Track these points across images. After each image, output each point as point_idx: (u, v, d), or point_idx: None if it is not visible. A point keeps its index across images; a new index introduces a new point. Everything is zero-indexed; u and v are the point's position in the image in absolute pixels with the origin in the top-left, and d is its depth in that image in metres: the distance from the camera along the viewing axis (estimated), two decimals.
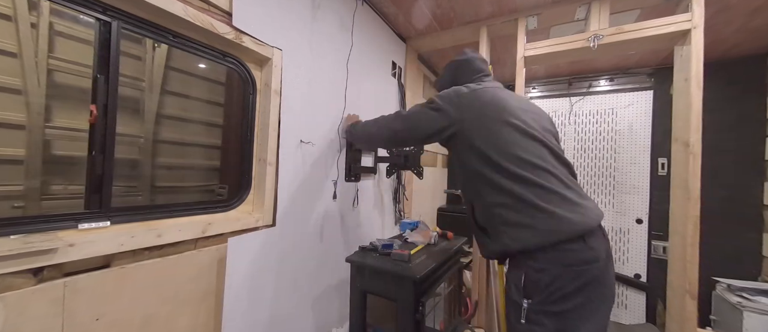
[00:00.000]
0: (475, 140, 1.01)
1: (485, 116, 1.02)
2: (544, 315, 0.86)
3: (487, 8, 1.95)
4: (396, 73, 2.29)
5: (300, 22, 1.44)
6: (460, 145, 1.05)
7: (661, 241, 2.53)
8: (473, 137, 1.01)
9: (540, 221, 0.88)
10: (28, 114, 1.10)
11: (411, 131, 1.17)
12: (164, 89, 1.46)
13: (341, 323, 1.74)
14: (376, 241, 1.53)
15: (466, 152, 1.04)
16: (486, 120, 1.01)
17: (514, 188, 0.92)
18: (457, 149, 1.08)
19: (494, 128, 1.00)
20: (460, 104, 1.05)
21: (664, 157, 2.53)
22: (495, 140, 0.98)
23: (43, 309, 0.74)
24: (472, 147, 1.02)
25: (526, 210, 0.90)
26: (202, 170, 1.61)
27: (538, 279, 0.87)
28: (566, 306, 0.85)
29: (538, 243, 0.88)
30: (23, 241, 0.72)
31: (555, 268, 0.86)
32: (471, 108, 1.04)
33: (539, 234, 0.88)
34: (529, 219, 0.90)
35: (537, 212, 0.89)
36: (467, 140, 1.03)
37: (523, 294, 0.90)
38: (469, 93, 1.06)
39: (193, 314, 1.06)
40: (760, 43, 2.13)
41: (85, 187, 0.90)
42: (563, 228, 0.86)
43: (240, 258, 1.17)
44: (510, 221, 0.93)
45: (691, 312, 1.54)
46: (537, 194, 0.90)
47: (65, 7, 0.83)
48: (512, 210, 0.92)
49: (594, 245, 0.88)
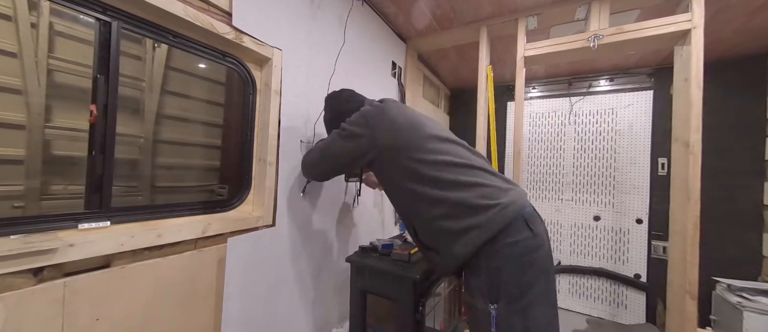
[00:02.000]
0: (398, 158, 0.97)
1: (399, 130, 0.99)
2: (514, 314, 0.83)
3: (487, 8, 1.95)
4: (396, 73, 2.29)
5: (300, 22, 1.44)
6: (386, 166, 1.02)
7: (661, 241, 2.53)
8: (395, 155, 0.98)
9: (482, 217, 0.87)
10: (28, 114, 1.10)
11: (331, 162, 1.13)
12: (164, 89, 1.46)
13: (341, 323, 1.74)
14: (376, 241, 1.53)
15: (392, 172, 1.01)
16: (402, 134, 0.99)
17: (448, 195, 0.90)
18: (383, 171, 1.05)
19: (412, 140, 0.97)
20: (374, 125, 1.01)
21: (664, 157, 2.53)
22: (416, 152, 0.96)
23: (43, 309, 0.74)
24: (396, 165, 0.98)
25: (467, 213, 0.88)
26: (202, 170, 1.60)
27: (499, 277, 0.85)
28: (528, 298, 0.83)
29: (487, 238, 0.85)
30: (23, 241, 0.72)
31: (512, 263, 0.84)
32: (383, 126, 1.00)
33: (486, 229, 0.86)
34: (472, 220, 0.87)
35: (478, 211, 0.88)
36: (391, 160, 1.00)
37: (488, 300, 0.85)
38: (374, 110, 1.03)
39: (193, 314, 1.06)
40: (760, 43, 2.13)
41: (85, 187, 0.90)
42: (507, 213, 0.86)
43: (240, 257, 1.17)
44: (454, 230, 0.89)
45: (691, 312, 1.54)
46: (472, 194, 0.90)
47: (65, 7, 0.83)
48: (453, 219, 0.90)
49: (539, 231, 0.89)
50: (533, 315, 0.83)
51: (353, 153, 1.05)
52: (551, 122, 3.03)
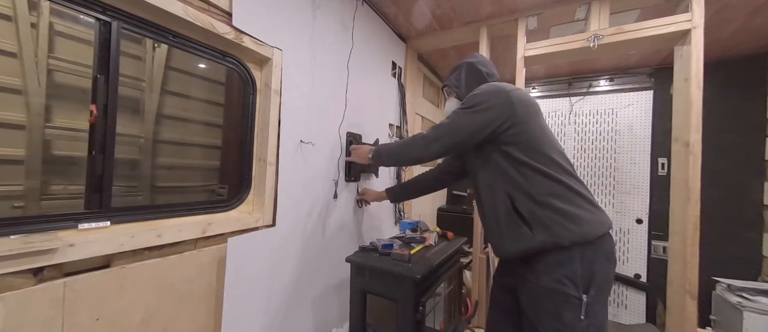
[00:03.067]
0: (526, 134, 1.00)
1: (532, 115, 1.03)
2: (598, 303, 0.90)
3: (487, 8, 1.95)
4: (396, 73, 2.29)
5: (300, 22, 1.44)
6: (508, 138, 1.01)
7: (661, 241, 2.53)
8: (524, 131, 1.00)
9: (590, 213, 0.94)
10: (28, 114, 1.10)
11: (453, 135, 1.08)
12: (164, 89, 1.46)
13: (341, 323, 1.74)
14: (376, 241, 1.54)
15: (512, 145, 1.01)
16: (534, 119, 1.02)
17: (564, 179, 0.95)
18: (498, 142, 1.03)
19: (539, 127, 1.02)
20: (510, 101, 1.01)
21: (664, 157, 2.53)
22: (542, 137, 1.01)
23: (43, 309, 0.74)
24: (520, 139, 1.00)
25: (579, 202, 0.94)
26: (202, 170, 1.60)
27: (592, 270, 0.90)
28: (605, 293, 0.93)
29: (590, 235, 0.91)
30: (23, 241, 0.72)
31: (600, 260, 0.91)
32: (519, 104, 1.02)
33: (593, 227, 0.92)
34: (582, 211, 0.92)
35: (588, 205, 0.95)
36: (518, 135, 1.00)
37: (581, 289, 0.89)
38: (512, 91, 1.04)
39: (193, 314, 1.06)
40: (760, 43, 2.13)
41: (85, 187, 0.90)
42: (606, 221, 0.96)
43: (240, 258, 1.17)
44: (563, 211, 0.92)
45: (691, 312, 1.54)
46: (583, 189, 0.98)
47: (65, 7, 0.83)
48: (565, 201, 0.93)
49: (612, 238, 1.00)
50: (605, 307, 0.95)
51: (490, 123, 1.01)
52: (551, 122, 3.03)
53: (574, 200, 0.94)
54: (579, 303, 0.88)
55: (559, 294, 0.90)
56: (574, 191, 0.95)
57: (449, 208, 3.12)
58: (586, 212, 0.93)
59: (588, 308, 0.88)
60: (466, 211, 2.88)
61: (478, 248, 2.08)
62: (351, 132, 1.77)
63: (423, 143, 1.13)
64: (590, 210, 0.94)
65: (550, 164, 0.97)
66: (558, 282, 0.90)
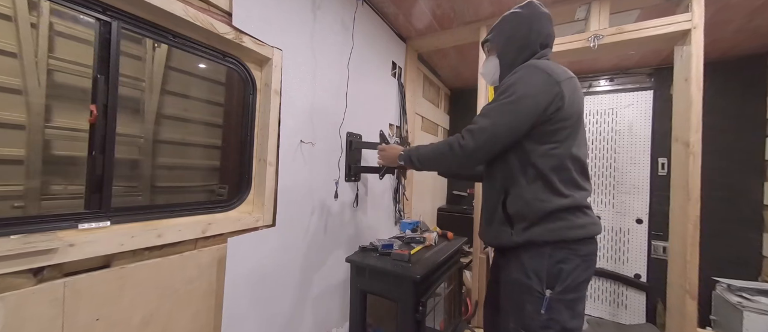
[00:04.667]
0: (556, 136, 0.89)
1: (574, 117, 0.91)
2: (562, 303, 0.88)
3: (487, 8, 1.95)
4: (396, 73, 2.29)
5: (300, 22, 1.44)
6: (535, 134, 0.91)
7: (661, 241, 2.53)
8: (556, 132, 0.89)
9: (576, 219, 0.90)
10: (28, 114, 1.10)
11: (496, 141, 0.91)
12: (164, 89, 1.46)
13: (341, 323, 1.74)
14: (376, 241, 1.54)
15: (534, 142, 0.91)
16: (575, 122, 0.92)
17: (566, 193, 0.90)
18: (537, 132, 0.91)
19: (573, 132, 0.92)
20: (560, 95, 0.88)
21: (664, 157, 2.52)
22: (569, 142, 0.91)
23: (43, 309, 0.74)
24: (547, 139, 0.89)
25: (570, 215, 0.90)
26: (202, 170, 1.60)
27: (561, 269, 0.88)
28: (577, 294, 0.90)
29: (567, 236, 0.88)
30: (23, 241, 0.72)
31: (574, 260, 0.89)
32: (570, 104, 0.89)
33: (572, 230, 0.89)
34: (568, 220, 0.89)
35: (580, 214, 0.91)
36: (547, 135, 0.89)
37: (545, 284, 0.89)
38: (565, 82, 0.89)
39: (193, 314, 1.06)
40: (760, 42, 2.13)
41: (85, 187, 0.90)
42: (590, 229, 0.92)
43: (240, 258, 1.17)
44: (548, 218, 0.89)
45: (691, 312, 1.54)
46: (584, 201, 0.93)
47: (65, 7, 0.83)
48: (556, 215, 0.89)
49: (595, 243, 0.96)
50: (577, 311, 0.91)
51: (530, 120, 0.88)
52: None
53: (566, 215, 0.89)
54: (540, 298, 0.88)
55: (523, 286, 0.92)
56: (571, 209, 0.90)
57: (449, 208, 3.12)
58: (572, 219, 0.89)
59: (550, 304, 0.87)
60: (466, 211, 2.88)
61: (478, 248, 2.08)
62: (351, 132, 1.77)
63: (462, 154, 0.94)
64: (578, 217, 0.90)
65: (560, 174, 0.90)
66: (524, 274, 0.92)
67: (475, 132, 0.93)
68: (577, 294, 0.90)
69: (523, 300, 0.92)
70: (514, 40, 1.02)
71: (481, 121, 0.93)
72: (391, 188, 2.28)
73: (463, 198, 3.35)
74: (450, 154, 0.98)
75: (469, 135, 0.93)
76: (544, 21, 1.01)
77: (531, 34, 1.00)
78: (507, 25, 1.04)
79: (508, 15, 1.05)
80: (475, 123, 0.94)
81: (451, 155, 0.98)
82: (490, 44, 1.10)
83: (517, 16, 1.02)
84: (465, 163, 0.98)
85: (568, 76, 0.92)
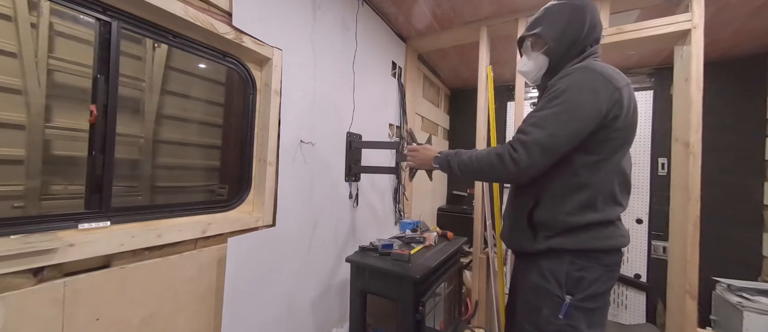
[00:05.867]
0: (605, 147, 0.83)
1: (629, 127, 0.85)
2: (581, 311, 0.85)
3: (487, 8, 1.95)
4: (396, 73, 2.29)
5: (300, 22, 1.44)
6: (583, 143, 0.84)
7: (661, 241, 2.53)
8: (605, 141, 0.83)
9: (605, 231, 0.87)
10: (28, 114, 1.10)
11: (552, 152, 0.82)
12: (164, 89, 1.46)
13: (341, 323, 1.74)
14: (376, 241, 1.54)
15: (580, 151, 0.84)
16: (629, 133, 0.85)
17: (601, 207, 0.86)
18: (587, 141, 0.84)
19: (624, 143, 0.86)
20: (619, 102, 0.81)
21: (664, 157, 2.52)
22: (617, 155, 0.85)
23: (43, 309, 0.74)
24: (595, 150, 0.83)
25: (600, 230, 0.87)
26: (202, 170, 1.60)
27: (582, 277, 0.85)
28: (597, 304, 0.87)
29: (588, 246, 0.85)
30: (23, 241, 0.72)
31: (597, 269, 0.85)
32: (627, 112, 0.82)
33: (597, 239, 0.86)
34: (594, 231, 0.86)
35: (610, 227, 0.88)
36: (598, 145, 0.83)
37: (565, 290, 0.86)
38: (625, 88, 0.82)
39: (193, 314, 1.06)
40: (760, 43, 2.13)
41: (85, 187, 0.90)
42: (617, 241, 0.88)
43: (240, 258, 1.17)
44: (574, 231, 0.86)
45: (691, 312, 1.54)
46: (616, 215, 0.89)
47: (65, 7, 0.83)
48: (585, 228, 0.86)
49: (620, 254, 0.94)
50: (595, 321, 0.87)
51: (586, 128, 0.80)
52: None
53: (594, 228, 0.85)
54: (560, 302, 0.86)
55: (541, 290, 0.89)
56: (602, 223, 0.85)
57: (449, 208, 3.12)
58: (600, 231, 0.86)
59: (569, 310, 0.84)
60: (466, 211, 2.88)
61: (478, 248, 2.08)
62: (351, 132, 1.77)
63: (515, 170, 0.85)
64: (606, 229, 0.86)
65: (602, 187, 0.84)
66: (544, 278, 0.89)
67: (529, 145, 0.82)
68: (597, 304, 0.86)
69: (541, 304, 0.89)
70: (568, 35, 0.90)
71: (535, 132, 0.82)
72: (391, 188, 2.28)
73: (463, 198, 3.35)
74: (500, 167, 0.87)
75: (522, 148, 0.83)
76: (597, 12, 0.91)
77: (587, 27, 0.89)
78: (560, 17, 0.91)
79: (560, 4, 0.92)
80: (527, 133, 0.84)
81: (501, 169, 0.87)
82: (535, 39, 0.96)
83: (571, 5, 0.91)
84: (516, 179, 0.91)
85: (626, 81, 0.84)
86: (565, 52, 0.91)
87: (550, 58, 0.94)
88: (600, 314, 0.88)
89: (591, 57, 0.91)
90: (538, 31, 0.95)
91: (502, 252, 2.02)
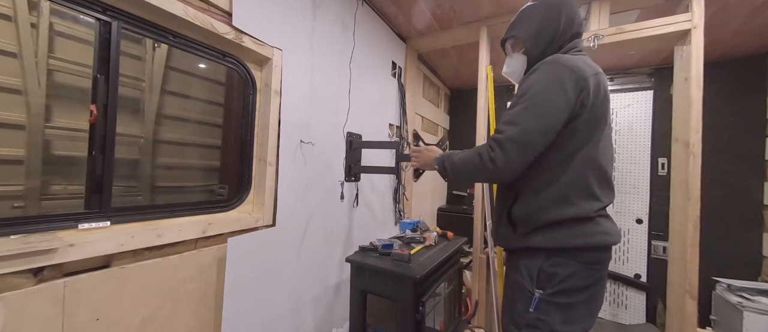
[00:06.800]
0: (576, 138, 0.84)
1: (601, 117, 0.85)
2: (553, 305, 0.86)
3: (487, 8, 1.95)
4: (396, 73, 2.29)
5: (300, 22, 1.44)
6: (570, 128, 0.85)
7: (661, 241, 2.53)
8: (577, 132, 0.84)
9: (585, 227, 0.86)
10: (28, 114, 1.10)
11: (528, 150, 0.83)
12: (164, 89, 1.46)
13: (341, 323, 1.74)
14: (376, 241, 1.54)
15: (553, 145, 0.85)
16: (601, 122, 0.86)
17: (582, 204, 0.85)
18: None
19: (596, 135, 0.85)
20: (586, 90, 0.81)
21: (664, 157, 2.52)
22: (590, 145, 0.85)
23: (43, 309, 0.74)
24: (568, 141, 0.84)
25: (582, 226, 0.86)
26: (202, 170, 1.60)
27: (555, 272, 0.86)
28: (574, 299, 0.86)
29: (566, 244, 0.85)
30: (23, 241, 0.72)
31: (573, 265, 0.85)
32: (597, 102, 0.83)
33: (574, 237, 0.85)
34: (575, 229, 0.85)
35: (592, 225, 0.86)
36: (569, 135, 0.84)
37: (535, 284, 0.88)
38: (592, 77, 0.83)
39: (193, 314, 1.06)
40: (760, 43, 2.13)
41: (85, 187, 0.90)
42: (599, 238, 0.86)
43: (240, 258, 1.17)
44: (553, 227, 0.86)
45: (691, 312, 1.54)
46: (598, 212, 0.87)
47: (65, 7, 0.83)
48: (565, 224, 0.86)
49: (609, 257, 0.92)
50: (572, 317, 0.86)
51: (560, 118, 0.82)
52: None
53: (570, 224, 0.85)
54: (529, 296, 0.88)
55: (517, 285, 0.93)
56: (578, 219, 0.85)
57: (449, 208, 3.12)
58: (577, 228, 0.85)
59: (539, 304, 0.86)
60: (466, 211, 2.88)
61: (478, 248, 2.08)
62: (351, 132, 1.77)
63: (493, 169, 0.86)
64: (584, 226, 0.85)
65: (575, 181, 0.84)
66: (520, 274, 0.92)
67: (503, 143, 0.84)
68: (572, 299, 0.85)
69: (516, 299, 0.93)
70: (544, 33, 0.92)
71: (508, 130, 0.84)
72: (391, 188, 2.28)
73: (463, 198, 3.35)
74: (481, 167, 0.89)
75: (498, 147, 0.85)
76: (575, 6, 0.92)
77: (563, 23, 0.90)
78: (536, 16, 0.94)
79: (535, 5, 0.95)
80: (501, 132, 0.85)
81: (482, 169, 0.89)
82: (515, 40, 1.00)
83: (545, 4, 0.93)
84: (498, 178, 0.93)
85: (595, 71, 0.84)
86: (543, 50, 0.93)
87: (528, 57, 0.97)
88: (582, 310, 0.87)
89: (571, 51, 0.92)
90: (515, 32, 0.99)
91: (502, 251, 2.02)
